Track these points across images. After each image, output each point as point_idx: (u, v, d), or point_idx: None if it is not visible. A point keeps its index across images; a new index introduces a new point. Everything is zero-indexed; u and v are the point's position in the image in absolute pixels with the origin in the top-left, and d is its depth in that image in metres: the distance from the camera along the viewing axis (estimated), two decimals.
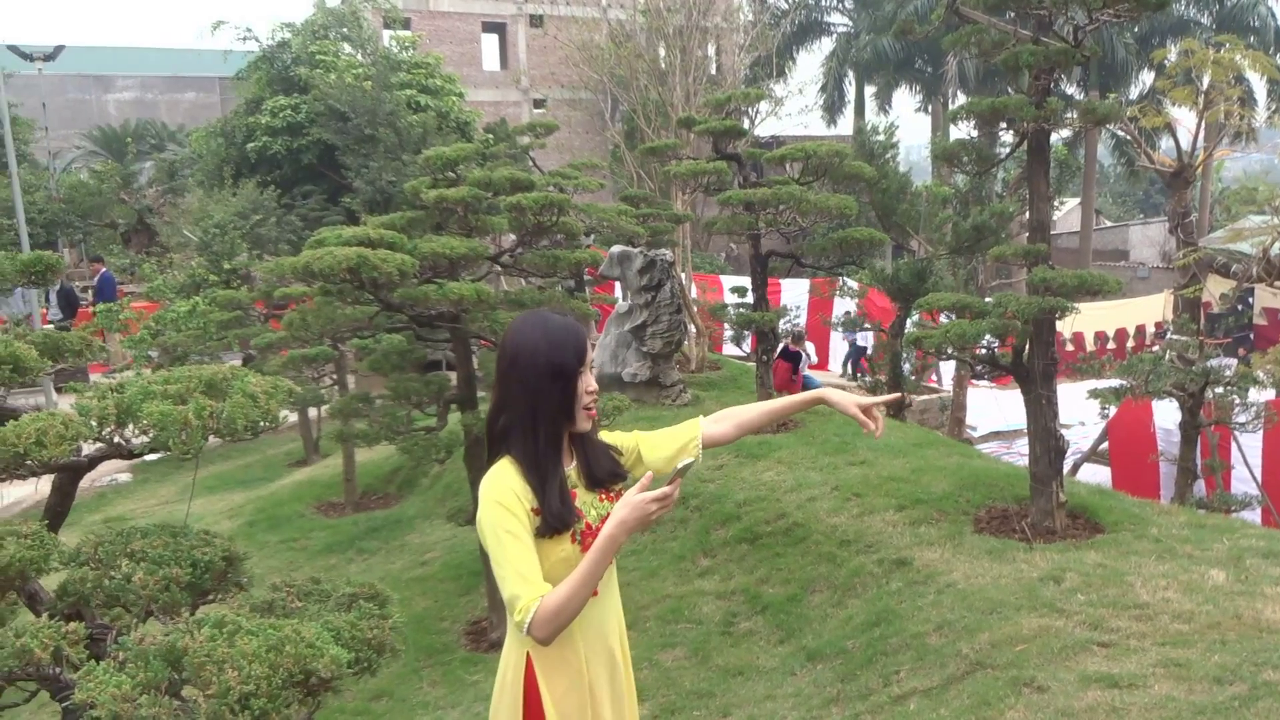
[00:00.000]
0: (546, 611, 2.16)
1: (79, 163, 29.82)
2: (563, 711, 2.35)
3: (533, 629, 2.16)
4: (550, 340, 2.35)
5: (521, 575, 2.18)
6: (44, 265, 3.07)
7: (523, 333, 2.37)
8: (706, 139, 11.13)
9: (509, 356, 2.38)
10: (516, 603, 2.17)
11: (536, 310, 2.48)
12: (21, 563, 2.09)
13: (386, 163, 18.37)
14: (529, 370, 2.33)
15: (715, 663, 5.46)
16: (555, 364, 2.34)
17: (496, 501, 2.24)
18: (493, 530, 2.22)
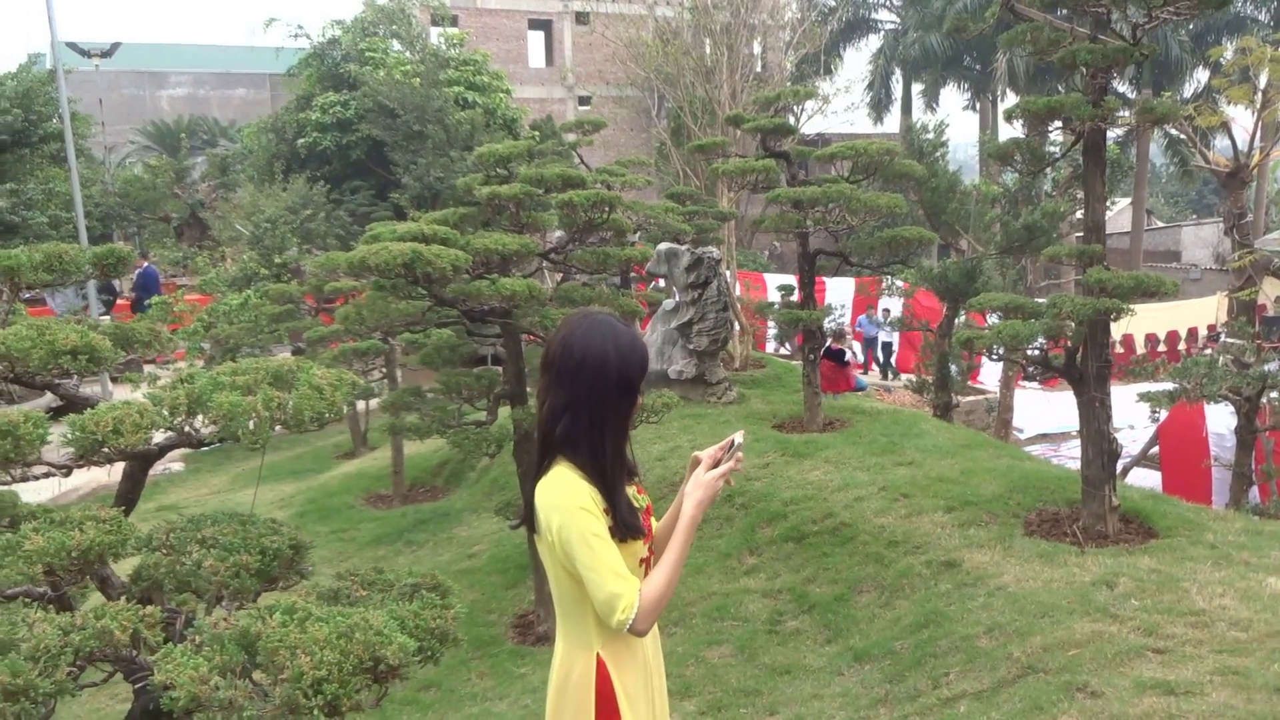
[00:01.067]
0: (648, 604, 2.20)
1: (133, 157, 30.40)
2: (635, 705, 2.38)
3: (636, 623, 2.19)
4: (620, 353, 2.34)
5: (618, 574, 2.20)
6: (115, 257, 3.15)
7: (591, 340, 2.34)
8: (753, 136, 11.12)
9: (575, 362, 2.34)
10: (618, 601, 2.18)
11: (599, 316, 2.43)
12: (100, 547, 2.14)
13: (434, 159, 18.53)
14: (598, 381, 2.32)
15: (762, 661, 5.46)
16: (625, 378, 2.34)
17: (579, 507, 2.23)
18: (581, 536, 2.21)
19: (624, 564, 2.24)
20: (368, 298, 6.37)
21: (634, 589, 2.20)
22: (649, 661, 2.50)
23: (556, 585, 2.38)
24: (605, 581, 2.20)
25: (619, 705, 2.35)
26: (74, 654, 1.92)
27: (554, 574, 2.36)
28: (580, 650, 2.36)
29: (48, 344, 2.62)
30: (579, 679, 2.35)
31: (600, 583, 2.20)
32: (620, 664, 2.39)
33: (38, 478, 2.72)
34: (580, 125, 11.50)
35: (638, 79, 23.37)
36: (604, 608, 2.20)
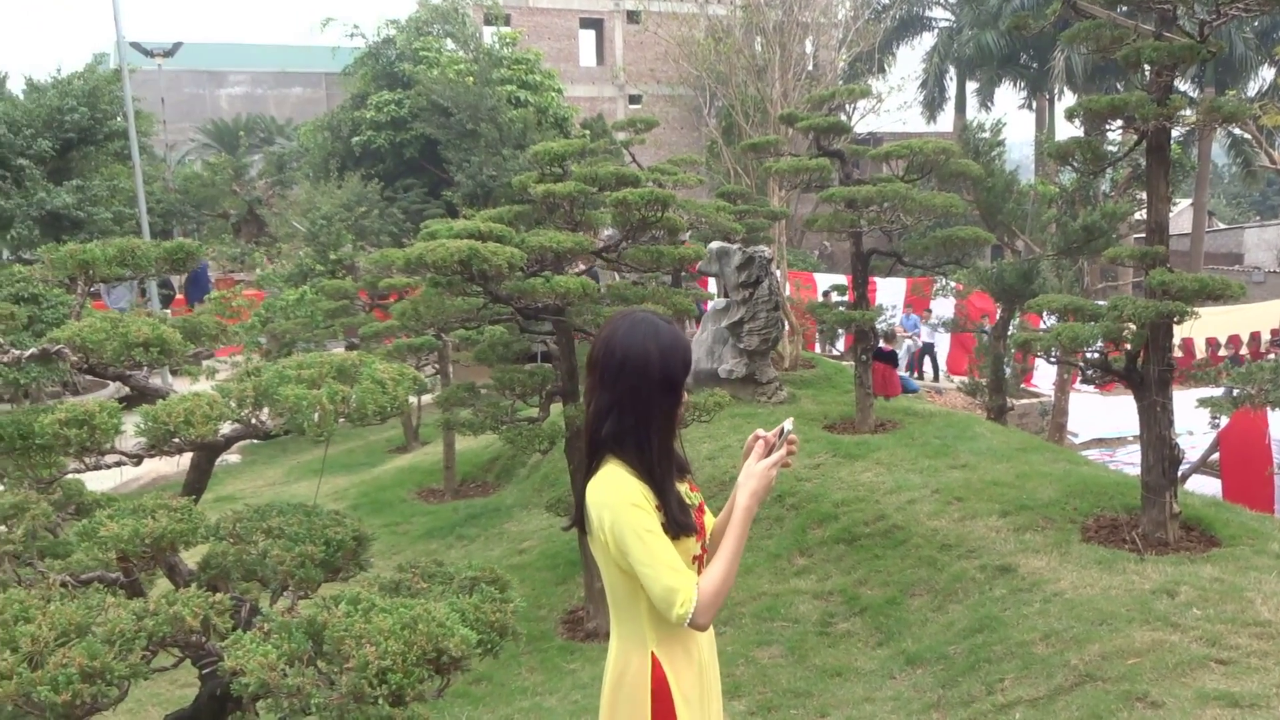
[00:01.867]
0: (707, 597, 2.19)
1: (193, 155, 30.99)
2: (690, 703, 2.38)
3: (696, 617, 2.18)
4: (662, 351, 2.33)
5: (673, 569, 2.20)
6: (184, 252, 3.22)
7: (633, 339, 2.33)
8: (805, 135, 11.05)
9: (617, 361, 2.34)
10: (675, 595, 2.17)
11: (640, 314, 2.42)
12: (171, 534, 2.19)
13: (487, 157, 18.67)
14: (641, 380, 2.32)
15: (812, 662, 5.43)
16: (668, 375, 2.34)
17: (631, 504, 2.24)
18: (634, 532, 2.21)
19: (679, 559, 2.23)
20: (424, 294, 6.44)
21: (691, 583, 2.19)
22: (704, 660, 2.49)
23: (610, 583, 2.38)
24: (661, 576, 2.19)
25: (674, 703, 2.35)
26: (147, 638, 1.97)
27: (607, 572, 2.37)
28: (635, 648, 2.36)
29: (121, 336, 2.68)
30: (634, 677, 2.35)
31: (656, 578, 2.19)
32: (675, 662, 2.39)
33: (109, 466, 2.79)
34: (632, 124, 11.51)
35: (689, 77, 23.33)
36: (662, 603, 2.20)
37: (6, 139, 16.81)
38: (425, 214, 18.50)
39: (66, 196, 17.10)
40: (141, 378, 2.94)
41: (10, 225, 16.95)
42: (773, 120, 16.22)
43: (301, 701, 1.88)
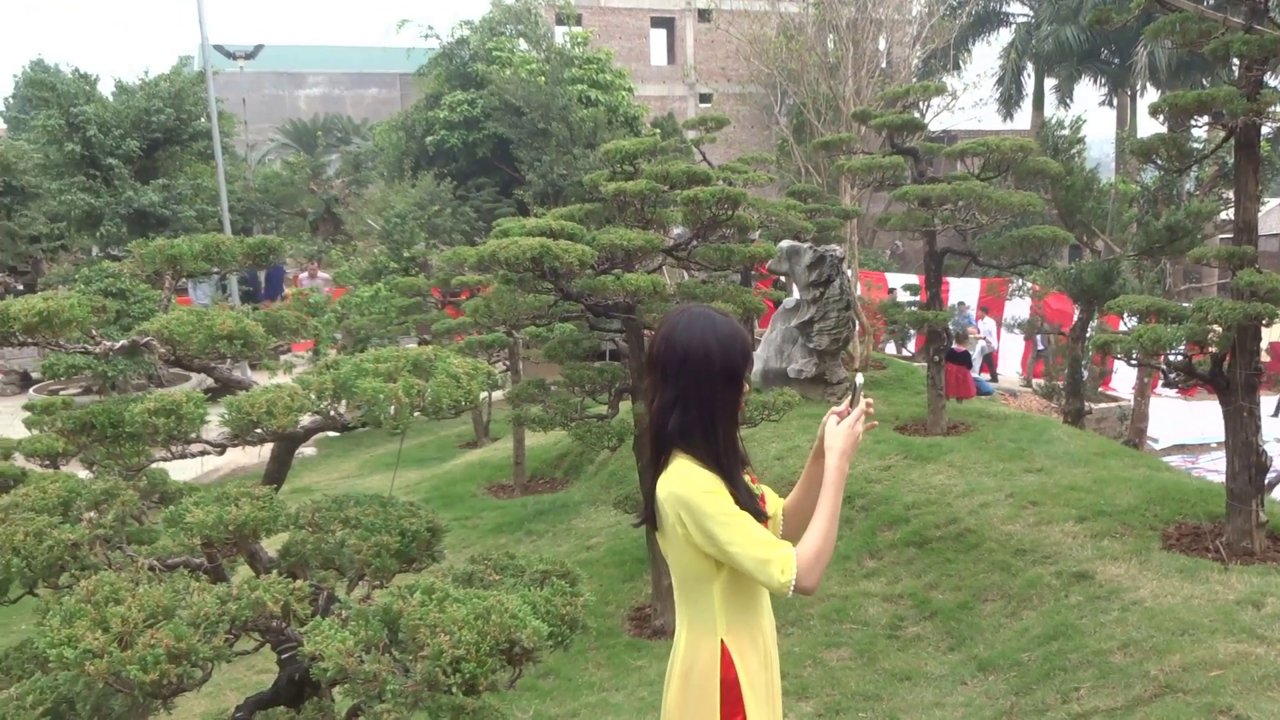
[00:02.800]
0: (807, 560, 2.19)
1: (272, 155, 31.76)
2: (756, 691, 2.40)
3: (800, 580, 2.18)
4: (722, 344, 2.35)
5: (762, 541, 2.21)
6: (267, 248, 3.31)
7: (692, 333, 2.36)
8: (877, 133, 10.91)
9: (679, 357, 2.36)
10: (771, 565, 2.18)
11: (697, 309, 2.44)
12: (254, 522, 2.25)
13: (558, 156, 18.80)
14: (703, 374, 2.34)
15: (881, 665, 5.37)
16: (729, 368, 2.36)
17: (706, 491, 2.26)
18: (716, 515, 2.23)
19: (766, 531, 2.25)
20: (495, 291, 6.51)
21: (788, 549, 2.20)
22: (769, 651, 2.52)
23: (681, 572, 2.40)
24: (754, 550, 2.21)
25: (743, 692, 2.37)
26: (230, 622, 2.03)
27: (680, 561, 2.39)
28: (705, 637, 2.38)
29: (207, 329, 2.77)
30: (704, 666, 2.37)
31: (749, 553, 2.21)
32: (743, 651, 2.42)
33: (194, 455, 2.88)
34: (703, 122, 11.48)
35: (760, 75, 23.23)
36: (761, 574, 2.20)
37: (97, 139, 17.42)
38: (496, 212, 18.71)
39: (153, 195, 17.66)
40: (225, 370, 3.02)
41: (100, 223, 17.57)
42: (845, 118, 16.07)
43: (377, 688, 1.92)
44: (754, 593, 2.44)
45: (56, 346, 2.68)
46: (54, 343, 2.67)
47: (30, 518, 2.41)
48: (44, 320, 2.64)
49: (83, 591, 2.09)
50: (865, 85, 16.39)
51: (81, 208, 17.57)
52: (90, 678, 1.93)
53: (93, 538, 2.37)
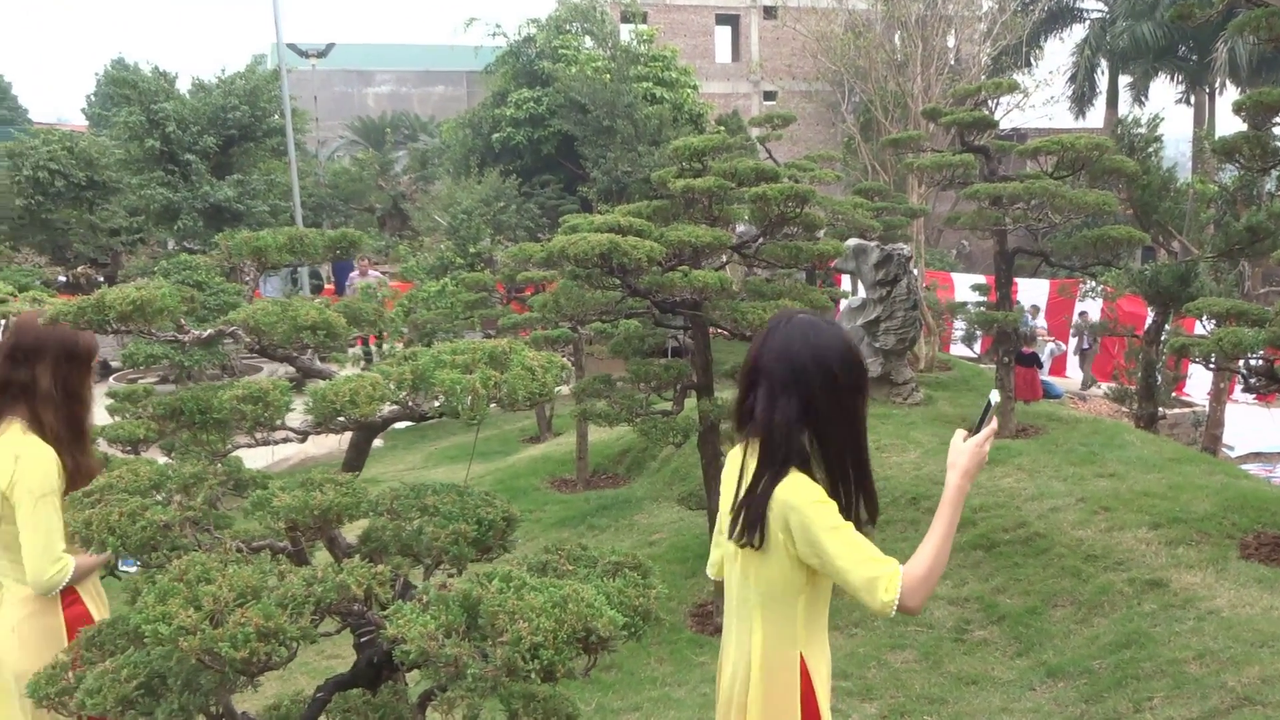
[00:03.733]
0: (914, 580, 2.16)
1: (342, 151, 32.33)
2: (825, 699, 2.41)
3: (904, 600, 2.14)
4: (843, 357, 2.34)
5: (870, 557, 2.18)
6: (347, 241, 3.38)
7: (829, 344, 2.32)
8: (945, 131, 10.75)
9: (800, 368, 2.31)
10: (878, 583, 2.15)
11: (805, 319, 2.41)
12: (338, 508, 2.31)
13: (623, 153, 18.85)
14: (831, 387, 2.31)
15: (947, 669, 5.31)
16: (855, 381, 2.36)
17: (816, 501, 2.25)
18: (825, 528, 2.21)
19: (874, 548, 2.21)
20: (562, 286, 6.55)
21: (895, 568, 2.17)
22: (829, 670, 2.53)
23: (767, 583, 2.37)
24: (860, 567, 2.17)
25: (819, 706, 2.37)
26: (315, 604, 2.08)
27: (769, 572, 2.36)
28: (786, 650, 2.36)
29: (291, 319, 2.84)
30: (784, 678, 2.36)
31: (855, 569, 2.17)
32: (816, 665, 2.43)
33: (277, 442, 2.96)
34: (769, 120, 11.44)
35: (826, 73, 23.05)
36: (865, 593, 2.17)
37: (176, 135, 17.89)
38: (561, 209, 18.84)
39: (228, 190, 18.09)
40: (307, 360, 3.10)
41: (177, 217, 18.05)
42: (913, 116, 15.89)
43: (458, 671, 1.95)
44: (825, 607, 2.44)
45: (149, 334, 2.78)
46: (146, 331, 2.76)
47: (124, 498, 2.50)
48: (138, 309, 2.73)
49: (175, 570, 2.16)
50: (934, 82, 16.19)
51: (160, 202, 18.06)
52: (183, 654, 2.00)
53: (182, 519, 2.45)
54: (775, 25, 33.49)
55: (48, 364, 2.90)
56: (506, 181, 19.42)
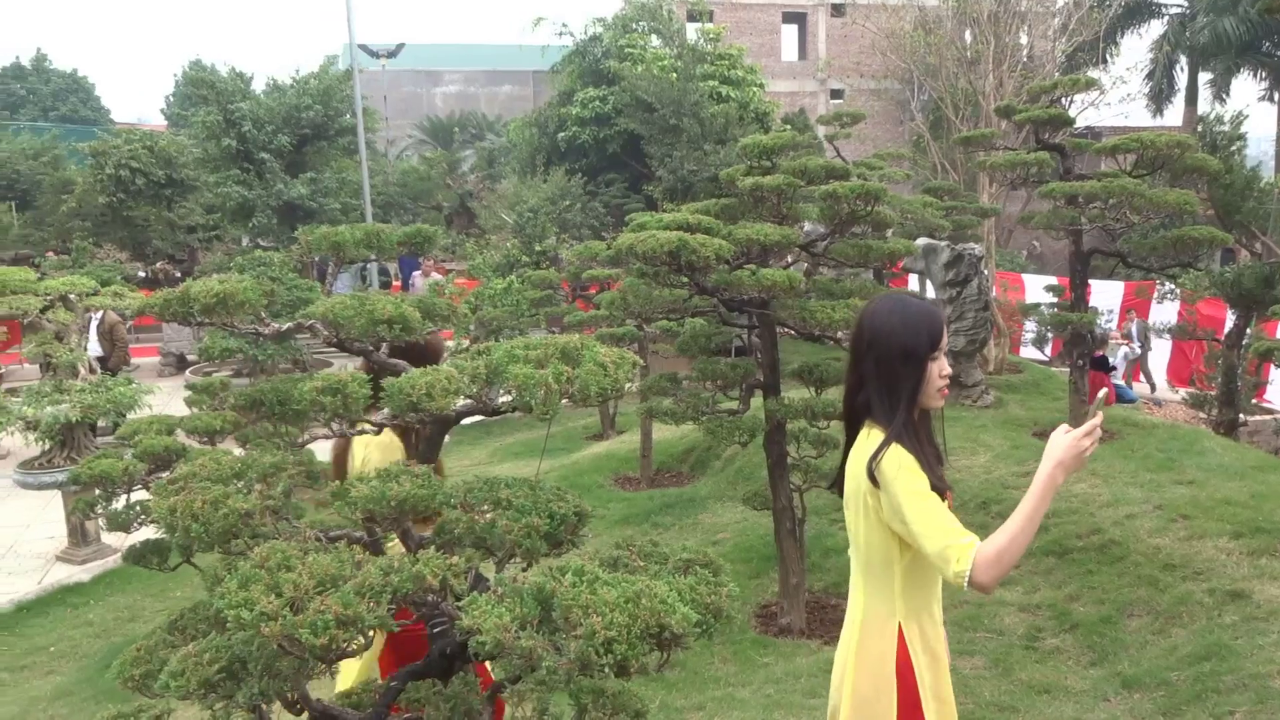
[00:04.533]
0: (987, 556, 2.15)
1: (410, 150, 32.78)
2: (925, 684, 2.39)
3: (975, 575, 2.14)
4: (906, 324, 2.40)
5: (949, 529, 2.21)
6: (422, 237, 3.43)
7: (880, 316, 2.44)
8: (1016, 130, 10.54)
9: (866, 338, 2.45)
10: (950, 553, 2.17)
11: (897, 294, 2.52)
12: (415, 499, 2.34)
13: (688, 152, 18.82)
14: (884, 352, 2.40)
15: (1018, 677, 5.21)
16: (908, 347, 2.39)
17: (901, 466, 2.29)
18: (908, 492, 2.26)
19: (954, 519, 2.23)
20: (629, 284, 6.56)
21: (970, 542, 2.17)
22: (939, 648, 2.52)
23: (866, 550, 2.44)
24: (936, 534, 2.20)
25: (917, 682, 2.36)
26: (392, 593, 2.10)
27: (866, 537, 2.43)
28: (884, 619, 2.40)
29: (368, 314, 2.88)
30: (879, 649, 2.39)
31: (932, 536, 2.20)
32: (915, 640, 2.44)
33: (355, 433, 3.00)
34: (837, 118, 11.32)
35: (896, 70, 22.79)
36: (939, 561, 2.20)
37: (252, 134, 18.29)
38: (625, 208, 18.88)
39: (301, 188, 18.45)
40: (381, 354, 3.14)
41: (252, 214, 18.46)
42: (985, 113, 15.64)
43: (532, 664, 1.96)
44: (931, 583, 2.45)
45: (230, 327, 2.84)
46: (228, 324, 2.82)
47: (207, 486, 2.55)
48: (220, 302, 2.79)
49: (257, 558, 2.20)
50: (1006, 79, 15.91)
51: (236, 199, 18.49)
52: (265, 639, 2.03)
53: (263, 508, 2.50)
54: (843, 23, 33.18)
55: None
56: (572, 180, 19.52)
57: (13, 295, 10.19)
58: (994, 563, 2.15)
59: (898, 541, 2.37)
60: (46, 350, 9.67)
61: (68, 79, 51.67)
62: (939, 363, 2.43)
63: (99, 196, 20.53)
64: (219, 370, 13.95)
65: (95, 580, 8.54)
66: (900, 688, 2.38)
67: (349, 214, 19.06)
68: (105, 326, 13.30)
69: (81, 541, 9.11)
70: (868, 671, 2.42)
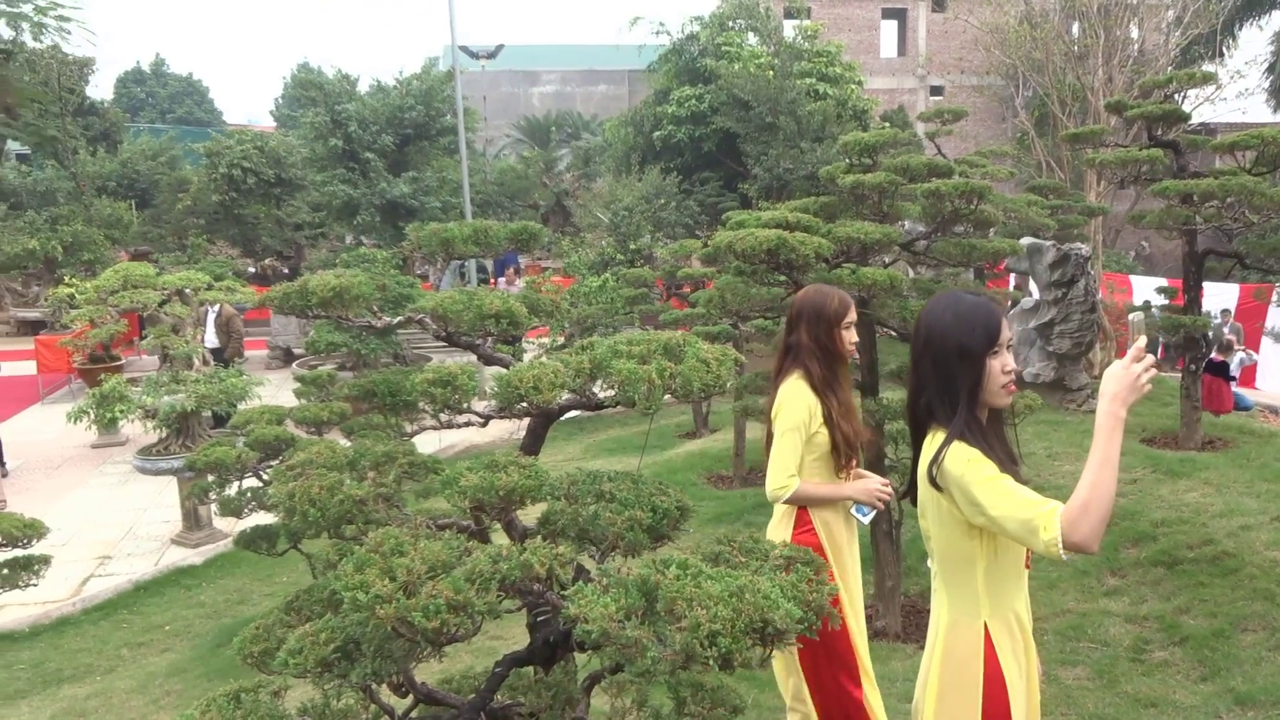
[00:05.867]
0: (1073, 513, 2.08)
1: (507, 150, 33.27)
2: (1016, 688, 2.35)
3: (1067, 536, 2.07)
4: (960, 320, 2.35)
5: (1027, 501, 2.16)
6: (528, 234, 3.50)
7: (935, 314, 2.40)
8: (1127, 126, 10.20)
9: (923, 337, 2.42)
10: (1035, 524, 2.11)
11: (952, 291, 2.46)
12: (522, 489, 2.39)
13: (784, 150, 18.69)
14: (940, 351, 2.36)
15: (1123, 689, 5.05)
16: (963, 344, 2.34)
17: (969, 459, 2.27)
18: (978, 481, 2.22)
19: (1030, 492, 2.19)
20: (726, 282, 6.55)
21: (1053, 507, 2.11)
22: (1028, 642, 2.50)
23: (945, 552, 2.41)
24: (1018, 510, 2.15)
25: (1006, 682, 2.33)
26: (500, 580, 2.16)
27: (944, 540, 2.40)
28: (968, 621, 2.37)
29: (477, 308, 2.95)
30: (966, 652, 2.35)
31: (1013, 514, 2.16)
32: (1001, 638, 2.41)
33: (460, 425, 3.08)
34: (939, 114, 11.12)
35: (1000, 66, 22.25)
36: (1026, 535, 2.14)
37: (357, 135, 18.80)
38: (720, 206, 18.84)
39: (403, 187, 18.89)
40: (487, 348, 3.21)
41: (357, 212, 18.97)
42: (1093, 109, 15.17)
43: (638, 654, 1.99)
44: (1015, 577, 2.42)
45: (345, 319, 2.94)
46: (344, 316, 2.92)
47: (323, 473, 2.65)
48: (337, 295, 2.89)
49: (371, 542, 2.27)
50: (1116, 75, 15.41)
51: (341, 198, 19.03)
52: (379, 621, 2.10)
53: (375, 495, 2.58)
54: (944, 18, 32.52)
55: (804, 325, 3.76)
56: (667, 179, 19.55)
57: (134, 290, 10.69)
58: (1082, 516, 2.06)
59: (978, 540, 2.33)
60: (164, 342, 10.11)
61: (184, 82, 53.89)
62: (1001, 358, 2.35)
63: (212, 195, 21.35)
64: (323, 364, 14.39)
65: (207, 563, 8.90)
66: (987, 691, 2.34)
67: (449, 212, 19.44)
68: (222, 319, 13.85)
69: (195, 526, 9.51)
70: (953, 675, 2.38)
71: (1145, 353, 2.23)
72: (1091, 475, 2.11)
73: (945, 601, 2.44)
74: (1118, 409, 2.16)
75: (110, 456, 12.55)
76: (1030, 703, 2.52)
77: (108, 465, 12.25)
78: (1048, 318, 9.17)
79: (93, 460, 12.48)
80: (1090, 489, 2.09)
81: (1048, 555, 2.14)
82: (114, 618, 7.94)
